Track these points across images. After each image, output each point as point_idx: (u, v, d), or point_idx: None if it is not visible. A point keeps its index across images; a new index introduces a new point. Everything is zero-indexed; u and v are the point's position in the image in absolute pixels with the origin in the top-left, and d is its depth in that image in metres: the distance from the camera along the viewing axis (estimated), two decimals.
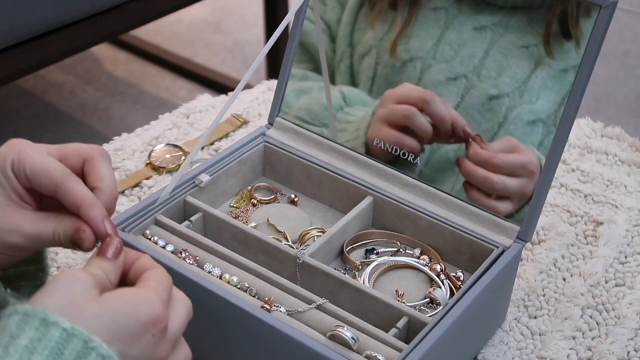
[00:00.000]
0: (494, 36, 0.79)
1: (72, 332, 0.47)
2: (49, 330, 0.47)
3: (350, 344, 0.65)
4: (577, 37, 0.75)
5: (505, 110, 0.79)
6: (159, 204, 0.78)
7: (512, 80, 0.79)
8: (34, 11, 1.32)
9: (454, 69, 0.81)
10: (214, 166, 0.84)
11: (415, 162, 0.83)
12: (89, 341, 0.48)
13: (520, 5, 0.78)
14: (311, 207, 0.88)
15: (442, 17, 0.81)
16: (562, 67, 0.76)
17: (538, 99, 0.78)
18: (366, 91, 0.87)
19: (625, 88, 2.27)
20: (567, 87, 0.75)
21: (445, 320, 0.67)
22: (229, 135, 1.08)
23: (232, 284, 0.72)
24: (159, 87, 2.24)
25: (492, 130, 0.80)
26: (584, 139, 1.10)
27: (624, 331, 0.81)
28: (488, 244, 0.77)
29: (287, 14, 0.80)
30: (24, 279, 0.65)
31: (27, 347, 0.46)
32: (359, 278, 0.79)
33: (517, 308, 0.84)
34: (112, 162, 1.01)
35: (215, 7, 2.63)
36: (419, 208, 0.81)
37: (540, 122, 0.78)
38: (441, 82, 0.82)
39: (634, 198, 1.00)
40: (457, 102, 0.81)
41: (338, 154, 0.87)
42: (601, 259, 0.90)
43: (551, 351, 0.79)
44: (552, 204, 0.98)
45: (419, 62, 0.83)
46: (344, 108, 0.88)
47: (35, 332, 0.47)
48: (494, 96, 0.80)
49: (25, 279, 0.65)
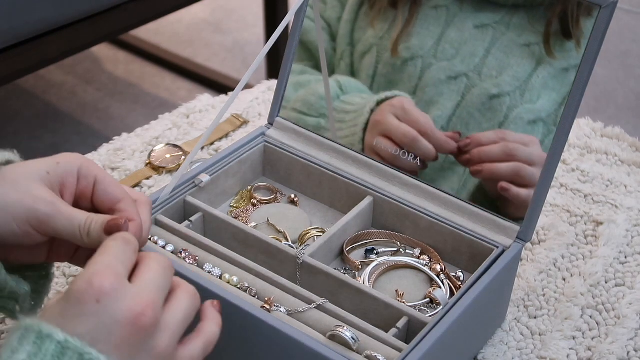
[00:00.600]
0: (496, 34, 0.79)
1: (67, 345, 0.48)
2: (44, 343, 0.47)
3: (350, 344, 0.65)
4: (578, 37, 0.75)
5: (506, 109, 0.79)
6: (159, 204, 0.78)
7: (513, 79, 0.79)
8: (34, 11, 1.32)
9: (454, 68, 0.81)
10: (214, 166, 0.84)
11: (415, 162, 0.83)
12: (84, 354, 0.48)
13: (521, 4, 0.78)
14: (311, 207, 0.88)
15: (443, 15, 0.81)
16: (564, 66, 0.76)
17: (539, 98, 0.78)
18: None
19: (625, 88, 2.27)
20: (568, 86, 0.75)
21: (445, 320, 0.67)
22: (229, 135, 1.08)
23: (232, 284, 0.72)
24: (159, 87, 2.24)
25: (493, 130, 0.80)
26: (584, 139, 1.10)
27: (624, 331, 0.81)
28: (488, 244, 0.77)
29: (287, 13, 0.80)
30: (30, 270, 0.66)
31: None
32: (359, 278, 0.79)
33: (517, 308, 0.84)
34: (112, 162, 1.01)
35: (215, 7, 2.63)
36: (419, 208, 0.81)
37: (541, 122, 0.78)
38: (442, 81, 0.82)
39: (634, 198, 1.00)
40: (457, 101, 0.81)
41: (338, 154, 0.87)
42: (601, 259, 0.90)
43: (551, 351, 0.79)
44: (552, 204, 0.98)
45: (419, 61, 0.83)
46: (340, 97, 0.88)
47: (32, 346, 0.47)
48: (494, 95, 0.80)
49: (31, 270, 0.66)
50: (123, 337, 0.50)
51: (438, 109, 0.82)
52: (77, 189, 0.63)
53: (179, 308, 0.54)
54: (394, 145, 0.83)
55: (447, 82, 0.81)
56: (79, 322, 0.49)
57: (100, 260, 0.53)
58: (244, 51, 2.42)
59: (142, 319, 0.51)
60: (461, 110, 0.81)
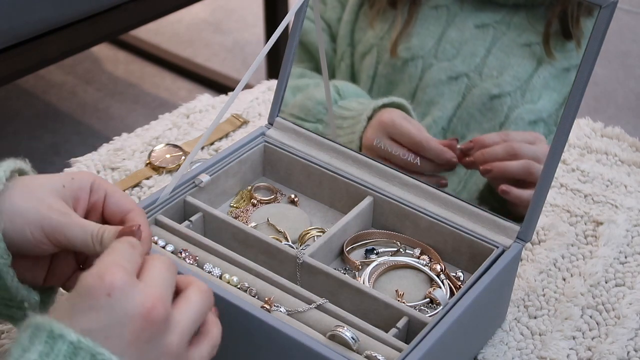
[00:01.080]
0: (496, 34, 0.79)
1: (79, 345, 0.48)
2: (56, 343, 0.47)
3: (350, 344, 0.65)
4: (578, 37, 0.75)
5: (506, 109, 0.79)
6: (159, 204, 0.78)
7: (513, 79, 0.79)
8: (34, 11, 1.32)
9: (455, 68, 0.81)
10: (214, 166, 0.84)
11: (415, 162, 0.83)
12: (97, 354, 0.48)
13: (522, 3, 0.78)
14: (311, 207, 0.88)
15: (444, 14, 0.81)
16: (564, 66, 0.76)
17: (540, 98, 0.78)
18: (367, 90, 0.86)
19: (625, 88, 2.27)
20: (569, 86, 0.75)
21: (445, 320, 0.67)
22: (229, 135, 1.08)
23: (232, 284, 0.72)
24: (159, 87, 2.24)
25: (494, 130, 0.80)
26: (584, 139, 1.10)
27: (624, 331, 0.81)
28: (488, 244, 0.77)
29: (287, 14, 0.80)
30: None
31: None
32: (359, 278, 0.79)
33: (517, 308, 0.84)
34: (112, 162, 1.01)
35: (215, 7, 2.63)
36: (419, 208, 0.81)
37: (542, 122, 0.78)
38: (442, 82, 0.82)
39: (634, 198, 1.00)
40: (458, 102, 0.81)
41: (338, 154, 0.87)
42: (601, 259, 0.90)
43: (551, 351, 0.79)
44: (552, 204, 0.98)
45: (420, 61, 0.83)
46: (338, 102, 0.87)
47: (44, 345, 0.47)
48: (495, 95, 0.79)
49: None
50: (135, 333, 0.50)
51: (439, 109, 0.82)
52: (89, 203, 0.64)
53: (190, 306, 0.54)
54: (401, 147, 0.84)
55: (447, 83, 0.81)
56: (90, 317, 0.50)
57: (108, 259, 0.53)
58: (244, 51, 2.42)
59: (153, 313, 0.51)
60: (462, 111, 0.81)
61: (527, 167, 0.77)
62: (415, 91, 0.84)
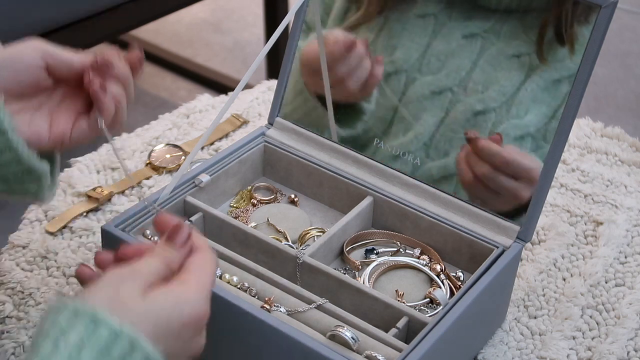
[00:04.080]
0: (485, 44, 0.77)
1: (120, 333, 0.48)
2: (98, 328, 0.48)
3: (350, 344, 0.65)
4: (572, 42, 0.73)
5: (491, 125, 0.77)
6: (159, 204, 0.78)
7: (499, 94, 0.77)
8: (34, 11, 1.32)
9: (439, 82, 0.79)
10: (214, 166, 0.84)
11: (415, 162, 0.83)
12: (135, 342, 0.48)
13: (514, 8, 0.77)
14: (311, 207, 0.88)
15: (431, 24, 0.79)
16: (555, 77, 0.75)
17: (527, 112, 0.76)
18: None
19: (625, 88, 2.27)
20: (560, 99, 0.73)
21: (445, 320, 0.67)
22: (229, 135, 1.08)
23: (232, 284, 0.72)
24: (159, 87, 2.24)
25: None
26: (584, 139, 1.10)
27: (624, 331, 0.81)
28: (488, 244, 0.77)
29: (287, 14, 0.80)
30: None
31: (76, 343, 0.47)
32: (359, 278, 0.79)
33: (517, 308, 0.84)
34: (112, 162, 1.01)
35: (215, 7, 2.63)
36: (419, 208, 0.81)
37: (530, 137, 0.76)
38: (425, 97, 0.80)
39: (634, 198, 1.00)
40: (441, 117, 0.79)
41: (338, 154, 0.87)
42: (601, 259, 0.90)
43: (551, 351, 0.79)
44: (552, 204, 0.98)
45: (403, 75, 0.81)
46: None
47: (85, 329, 0.48)
48: (479, 111, 0.78)
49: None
50: (176, 334, 0.53)
51: (421, 125, 0.81)
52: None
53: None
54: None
55: (430, 98, 0.79)
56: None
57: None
58: (244, 51, 2.42)
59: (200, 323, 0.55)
60: (444, 127, 0.79)
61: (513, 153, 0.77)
62: (397, 107, 0.83)
